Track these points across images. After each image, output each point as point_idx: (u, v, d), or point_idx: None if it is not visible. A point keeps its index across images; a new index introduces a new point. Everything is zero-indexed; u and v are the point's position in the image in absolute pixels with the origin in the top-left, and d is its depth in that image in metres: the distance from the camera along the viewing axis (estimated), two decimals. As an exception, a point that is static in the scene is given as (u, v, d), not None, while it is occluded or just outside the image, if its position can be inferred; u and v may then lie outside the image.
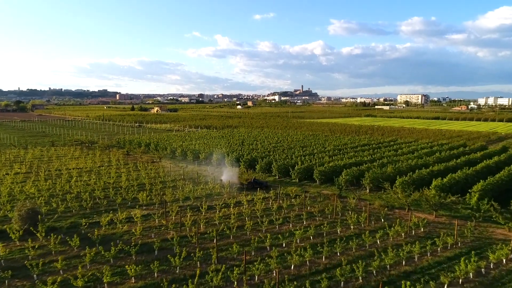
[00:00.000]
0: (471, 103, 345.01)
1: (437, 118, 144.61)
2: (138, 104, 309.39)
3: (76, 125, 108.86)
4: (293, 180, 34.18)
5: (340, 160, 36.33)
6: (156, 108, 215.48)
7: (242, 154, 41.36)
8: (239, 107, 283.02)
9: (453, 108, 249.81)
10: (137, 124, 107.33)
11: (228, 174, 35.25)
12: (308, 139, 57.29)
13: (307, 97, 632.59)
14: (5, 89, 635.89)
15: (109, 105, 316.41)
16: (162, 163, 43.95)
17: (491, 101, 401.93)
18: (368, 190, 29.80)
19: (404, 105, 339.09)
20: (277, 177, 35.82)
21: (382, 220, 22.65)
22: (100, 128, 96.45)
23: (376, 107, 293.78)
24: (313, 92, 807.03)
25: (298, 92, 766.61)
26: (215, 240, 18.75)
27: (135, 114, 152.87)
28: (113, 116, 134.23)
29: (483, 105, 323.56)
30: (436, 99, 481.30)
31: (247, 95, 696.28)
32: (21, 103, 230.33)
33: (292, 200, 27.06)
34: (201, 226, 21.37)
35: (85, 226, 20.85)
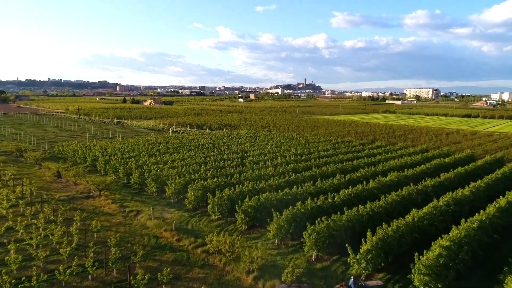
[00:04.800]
0: (483, 98, 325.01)
1: (468, 115, 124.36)
2: (136, 96, 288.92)
3: (43, 120, 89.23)
4: (352, 267, 15.06)
5: (456, 228, 16.75)
6: (149, 101, 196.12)
7: (241, 191, 22.08)
8: (240, 100, 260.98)
9: (474, 104, 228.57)
10: (116, 121, 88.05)
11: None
12: (341, 152, 38.01)
13: (310, 91, 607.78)
14: (3, 79, 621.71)
15: (103, 97, 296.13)
16: (100, 201, 24.89)
17: (505, 96, 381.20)
18: None
19: (415, 100, 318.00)
20: (313, 257, 16.71)
21: None
22: (67, 125, 77.11)
23: (387, 101, 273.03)
24: (316, 85, 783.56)
25: (301, 85, 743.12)
26: None
27: (122, 108, 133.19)
28: (94, 110, 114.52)
29: (498, 100, 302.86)
30: (443, 93, 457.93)
31: (249, 88, 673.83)
32: (2, 94, 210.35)
33: None
34: None
35: None
